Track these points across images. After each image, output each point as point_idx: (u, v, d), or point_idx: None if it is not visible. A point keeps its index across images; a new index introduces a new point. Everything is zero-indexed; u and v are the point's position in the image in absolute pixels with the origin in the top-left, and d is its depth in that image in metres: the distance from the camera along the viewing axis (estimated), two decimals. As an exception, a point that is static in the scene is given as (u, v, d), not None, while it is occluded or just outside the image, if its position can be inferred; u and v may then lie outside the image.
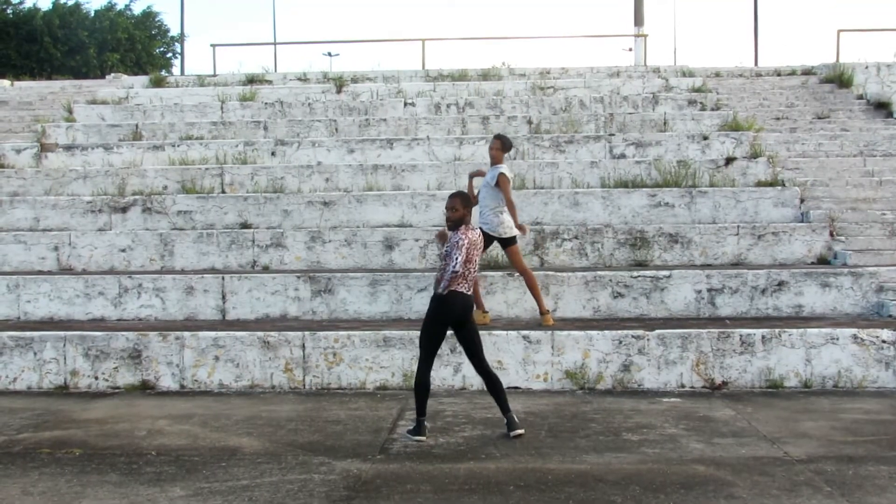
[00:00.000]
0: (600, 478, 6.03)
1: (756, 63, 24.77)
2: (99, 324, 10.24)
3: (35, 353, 9.24)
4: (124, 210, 12.44)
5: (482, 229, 8.97)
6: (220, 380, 9.12)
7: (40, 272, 11.48)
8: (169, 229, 12.12)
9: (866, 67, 17.52)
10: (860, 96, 16.53)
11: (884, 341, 8.82)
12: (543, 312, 9.54)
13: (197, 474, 6.21)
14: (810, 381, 8.80)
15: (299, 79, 18.93)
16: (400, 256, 11.39)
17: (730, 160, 12.92)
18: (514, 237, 9.49)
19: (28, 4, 47.57)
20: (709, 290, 10.16)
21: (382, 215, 12.16)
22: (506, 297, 10.18)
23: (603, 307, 10.21)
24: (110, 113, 16.33)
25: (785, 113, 15.73)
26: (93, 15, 43.76)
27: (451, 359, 8.89)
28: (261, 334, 9.15)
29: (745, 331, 8.97)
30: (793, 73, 18.48)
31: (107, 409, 8.29)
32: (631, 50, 30.58)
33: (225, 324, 10.13)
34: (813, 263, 11.08)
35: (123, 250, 11.64)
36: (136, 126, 15.31)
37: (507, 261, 9.92)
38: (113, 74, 22.02)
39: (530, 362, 8.93)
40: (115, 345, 9.21)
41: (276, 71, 22.08)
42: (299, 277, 10.47)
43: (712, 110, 15.36)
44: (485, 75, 18.65)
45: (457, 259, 6.80)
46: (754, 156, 13.13)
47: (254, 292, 10.46)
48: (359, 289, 10.38)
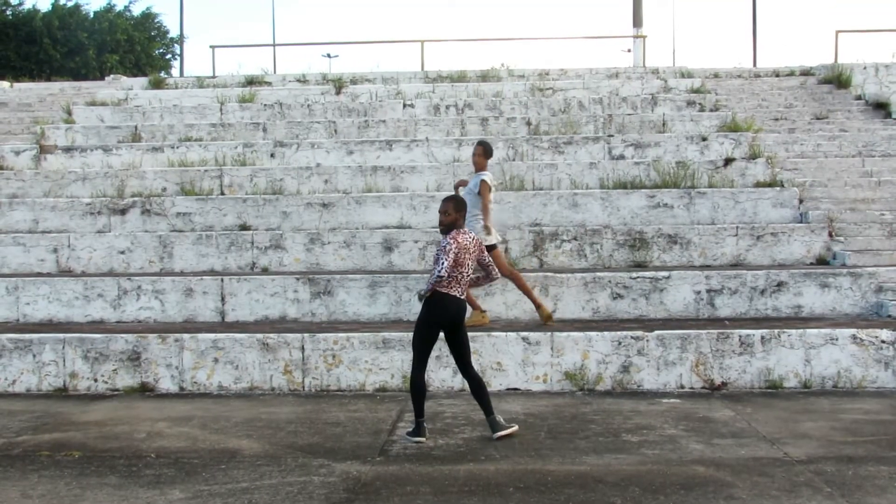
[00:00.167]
0: (600, 479, 6.04)
1: (755, 64, 24.83)
2: (98, 326, 10.24)
3: (34, 356, 9.24)
4: (123, 212, 12.44)
5: None
6: (220, 382, 9.12)
7: (39, 274, 11.48)
8: (168, 231, 12.12)
9: (865, 68, 17.53)
10: (858, 97, 16.54)
11: (883, 341, 8.83)
12: (538, 306, 9.52)
13: (196, 477, 6.21)
14: (810, 382, 8.81)
15: (298, 80, 18.92)
16: (399, 258, 11.39)
17: (728, 161, 12.93)
18: (495, 244, 9.48)
19: (27, 6, 47.55)
20: (708, 291, 10.17)
21: (381, 217, 12.16)
22: (504, 299, 10.18)
23: (602, 308, 10.21)
24: (109, 114, 16.33)
25: (783, 113, 15.74)
26: (92, 16, 43.71)
27: (450, 360, 8.84)
28: (260, 336, 9.15)
29: (744, 331, 8.97)
30: (791, 73, 18.49)
31: (106, 412, 8.29)
32: (630, 51, 30.63)
33: (224, 326, 10.13)
34: (812, 264, 11.09)
35: (122, 252, 11.64)
36: (136, 128, 15.31)
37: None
38: (112, 76, 22.01)
39: (529, 363, 8.94)
40: (115, 347, 9.21)
41: (275, 72, 22.09)
42: (298, 279, 10.47)
43: (711, 111, 15.36)
44: (484, 76, 18.65)
45: (443, 264, 6.80)
46: (753, 156, 13.13)
47: (253, 294, 10.46)
48: (358, 290, 10.38)
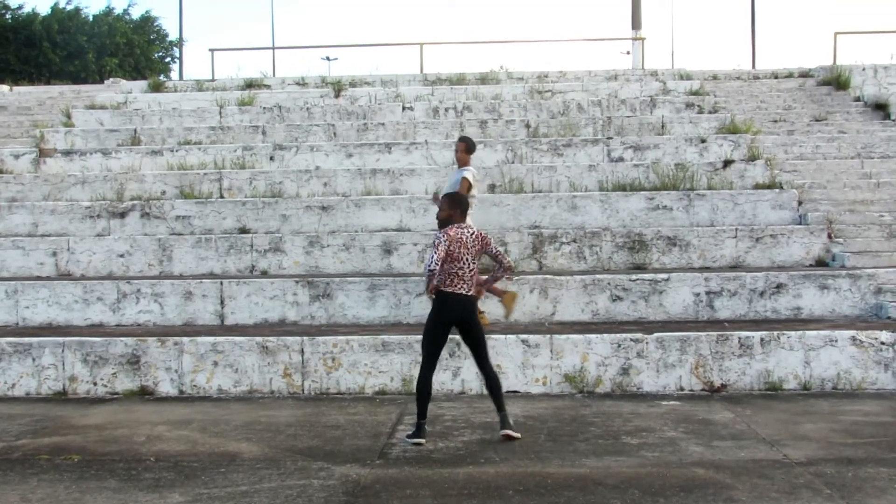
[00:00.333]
0: (600, 481, 6.03)
1: (753, 66, 24.87)
2: (97, 329, 10.23)
3: (34, 359, 9.24)
4: (123, 215, 12.44)
5: None
6: (219, 385, 9.11)
7: (39, 278, 11.48)
8: (167, 234, 12.12)
9: (863, 69, 17.53)
10: (857, 98, 16.55)
11: (882, 343, 8.83)
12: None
13: (196, 480, 6.21)
14: (809, 384, 8.80)
15: (297, 83, 18.93)
16: (398, 261, 11.39)
17: (727, 163, 12.93)
18: None
19: (27, 9, 47.56)
20: (707, 293, 10.16)
21: (381, 220, 12.17)
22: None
23: (601, 310, 10.21)
24: (109, 118, 16.34)
25: (782, 115, 15.75)
26: (91, 20, 43.80)
27: (451, 363, 8.89)
28: (259, 339, 9.15)
29: (743, 333, 8.97)
30: (790, 75, 18.50)
31: (105, 415, 8.28)
32: (629, 53, 30.69)
33: (224, 329, 10.13)
34: (811, 265, 11.09)
35: (122, 255, 11.64)
36: (135, 131, 15.32)
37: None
38: (111, 79, 22.01)
39: (529, 366, 8.93)
40: (114, 350, 9.21)
41: (274, 75, 22.11)
42: (298, 282, 10.47)
43: (710, 113, 15.37)
44: (483, 79, 18.64)
45: (432, 257, 6.89)
46: (752, 158, 13.13)
47: (252, 297, 10.45)
48: (357, 293, 10.38)
